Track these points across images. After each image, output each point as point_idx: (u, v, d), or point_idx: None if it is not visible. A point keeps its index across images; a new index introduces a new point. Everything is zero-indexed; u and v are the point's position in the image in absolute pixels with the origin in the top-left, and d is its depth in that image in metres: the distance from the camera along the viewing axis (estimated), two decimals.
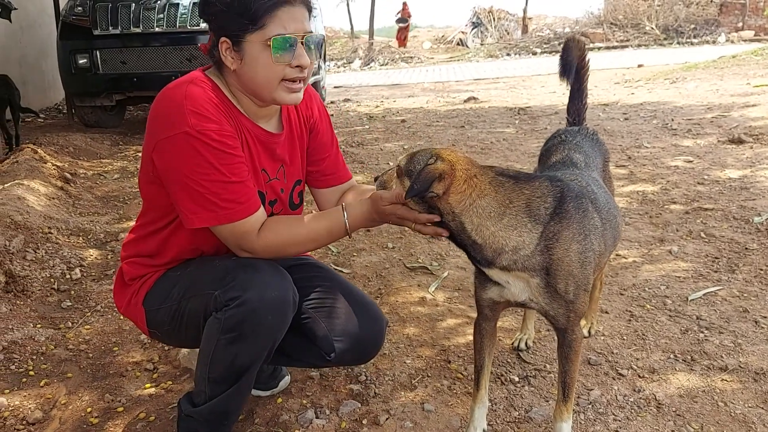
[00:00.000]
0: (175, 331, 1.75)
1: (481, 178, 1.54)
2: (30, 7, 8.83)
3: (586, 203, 1.60)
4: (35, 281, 3.09)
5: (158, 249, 1.77)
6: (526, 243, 1.52)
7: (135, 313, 1.80)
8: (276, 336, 1.65)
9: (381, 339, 1.90)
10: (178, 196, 1.58)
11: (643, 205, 3.93)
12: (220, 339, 1.60)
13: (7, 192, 4.07)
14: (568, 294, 1.56)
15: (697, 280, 2.87)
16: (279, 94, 1.63)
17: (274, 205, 1.81)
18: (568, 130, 2.13)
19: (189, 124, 1.51)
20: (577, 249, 1.54)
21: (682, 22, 19.73)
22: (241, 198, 1.58)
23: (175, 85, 1.60)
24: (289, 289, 1.64)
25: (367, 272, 3.18)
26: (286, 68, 1.60)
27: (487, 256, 1.55)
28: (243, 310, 1.56)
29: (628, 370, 2.20)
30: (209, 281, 1.64)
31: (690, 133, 5.88)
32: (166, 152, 1.56)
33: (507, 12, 25.11)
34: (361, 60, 20.93)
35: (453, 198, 1.52)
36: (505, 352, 2.35)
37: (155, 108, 1.60)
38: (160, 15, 6.58)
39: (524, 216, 1.53)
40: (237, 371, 1.65)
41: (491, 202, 1.52)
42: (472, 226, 1.52)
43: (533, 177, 1.62)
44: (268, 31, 1.56)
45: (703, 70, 10.53)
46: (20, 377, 2.30)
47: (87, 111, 7.37)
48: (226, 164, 1.56)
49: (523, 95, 9.97)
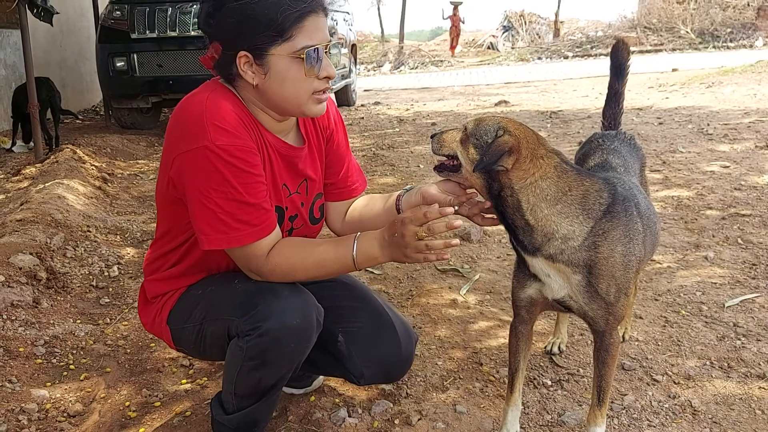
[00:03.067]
0: (199, 350, 1.75)
1: (546, 160, 1.54)
2: (70, 11, 9.06)
3: (632, 208, 1.60)
4: (75, 278, 3.17)
5: (176, 264, 1.73)
6: (576, 234, 1.52)
7: (160, 331, 1.78)
8: (300, 359, 1.62)
9: (410, 360, 1.88)
10: (193, 214, 1.53)
11: (678, 210, 3.88)
12: (244, 365, 1.58)
13: (48, 191, 4.18)
14: (608, 295, 1.55)
15: (734, 287, 2.82)
16: (308, 107, 1.57)
17: (294, 220, 1.76)
18: (605, 134, 2.12)
19: (209, 138, 1.44)
20: (622, 251, 1.54)
21: (718, 26, 19.36)
22: (255, 220, 1.51)
23: (194, 96, 1.53)
24: (312, 313, 1.59)
25: (398, 274, 3.19)
26: (315, 81, 1.54)
27: (536, 240, 1.54)
28: (265, 340, 1.52)
29: (663, 375, 2.18)
30: (229, 305, 1.60)
31: (726, 138, 5.78)
32: (184, 167, 1.49)
33: (538, 15, 24.93)
34: (391, 63, 20.98)
35: (515, 174, 1.52)
36: (538, 356, 2.35)
37: (174, 120, 1.53)
38: (195, 19, 6.70)
39: (578, 207, 1.53)
40: (262, 390, 1.65)
41: (551, 185, 1.53)
42: (528, 206, 1.52)
43: (593, 174, 1.62)
44: (296, 42, 1.48)
45: (740, 74, 10.32)
46: (61, 371, 2.37)
47: (124, 113, 7.53)
48: (244, 183, 1.48)
49: (554, 99, 9.89)
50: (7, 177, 5.45)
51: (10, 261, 2.99)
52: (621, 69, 2.25)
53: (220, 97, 1.52)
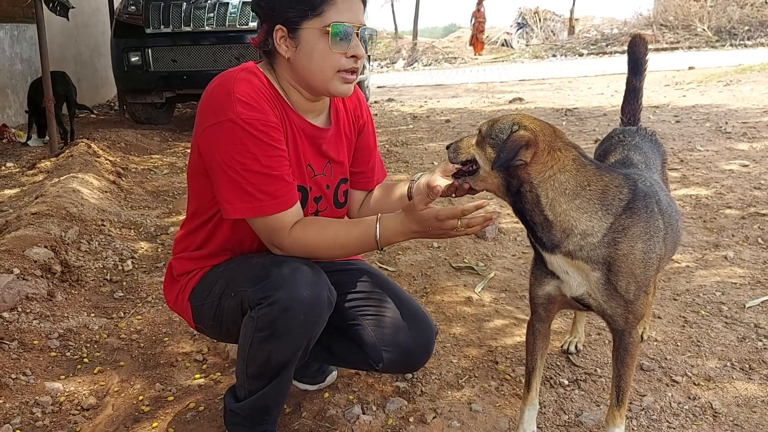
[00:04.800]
0: (217, 326, 1.77)
1: (564, 153, 1.52)
2: (85, 5, 9.11)
3: (653, 204, 1.57)
4: (89, 271, 3.17)
5: (204, 242, 1.79)
6: (595, 230, 1.49)
7: (182, 308, 1.82)
8: (310, 334, 1.62)
9: (430, 349, 1.88)
10: (218, 185, 1.59)
11: (697, 209, 3.83)
12: (255, 337, 1.60)
13: (63, 185, 4.19)
14: (628, 293, 1.52)
15: (754, 287, 2.78)
16: (333, 84, 1.62)
17: (319, 201, 1.80)
18: (625, 130, 2.08)
19: (235, 111, 1.52)
20: (642, 248, 1.51)
21: (735, 24, 19.12)
22: (278, 192, 1.57)
23: (227, 74, 1.61)
24: (323, 289, 1.61)
25: (413, 271, 3.17)
26: (342, 58, 1.59)
27: (555, 236, 1.52)
28: (275, 309, 1.55)
29: (682, 376, 2.14)
30: (246, 279, 1.64)
31: (745, 137, 5.70)
32: (210, 139, 1.56)
33: (553, 13, 24.77)
34: (404, 60, 20.93)
35: (534, 168, 1.50)
36: (554, 355, 2.31)
37: (206, 95, 1.61)
38: (210, 14, 6.71)
39: (597, 202, 1.50)
40: (273, 368, 1.65)
41: (570, 179, 1.50)
42: (547, 200, 1.50)
43: (612, 169, 1.59)
44: (326, 17, 1.56)
45: (758, 72, 10.18)
46: (75, 364, 2.37)
47: (138, 108, 7.56)
48: (267, 155, 1.55)
49: (569, 96, 9.82)
50: (23, 171, 5.49)
51: (25, 254, 3.00)
52: (639, 64, 2.21)
53: (248, 76, 1.59)
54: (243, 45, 6.70)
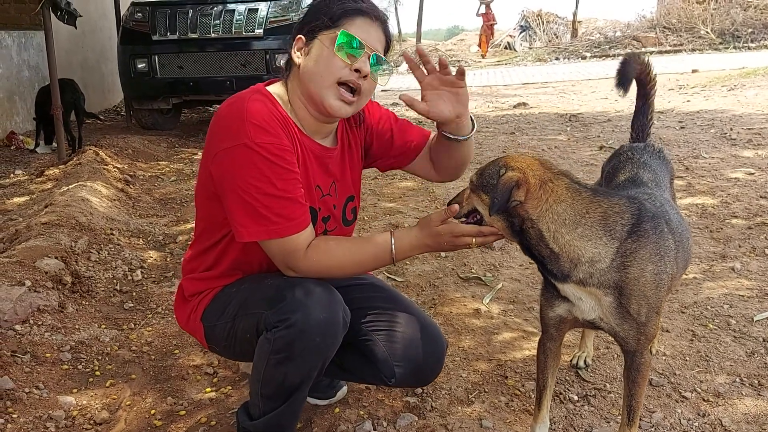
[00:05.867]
0: (231, 346, 1.79)
1: (556, 183, 1.54)
2: (92, 12, 9.14)
3: (662, 224, 1.58)
4: (99, 282, 3.19)
5: (214, 263, 1.80)
6: (602, 256, 1.51)
7: (194, 328, 1.84)
8: (325, 356, 1.65)
9: (441, 364, 1.89)
10: (231, 208, 1.60)
11: (703, 219, 3.83)
12: (270, 359, 1.62)
13: (72, 193, 4.22)
14: (640, 316, 1.54)
15: (762, 300, 2.78)
16: (328, 95, 1.61)
17: (328, 221, 1.82)
18: (633, 147, 2.10)
19: (249, 136, 1.53)
20: (653, 270, 1.52)
21: (739, 26, 19.09)
22: (292, 214, 1.58)
23: (237, 98, 1.62)
24: (338, 310, 1.63)
25: (421, 281, 3.18)
26: (344, 67, 1.60)
27: (564, 267, 1.53)
28: (292, 332, 1.57)
29: (691, 392, 2.15)
30: (261, 300, 1.66)
31: (750, 144, 5.70)
32: (223, 163, 1.57)
33: (556, 15, 24.74)
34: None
35: (530, 204, 1.52)
36: (564, 370, 2.33)
37: (216, 120, 1.62)
38: (216, 21, 6.73)
39: (599, 229, 1.52)
40: (288, 389, 1.67)
41: (567, 208, 1.52)
42: (549, 233, 1.52)
43: (612, 193, 1.61)
44: (340, 29, 1.60)
45: (762, 76, 10.17)
46: (87, 377, 2.39)
47: (144, 114, 7.59)
48: (281, 179, 1.56)
49: (573, 101, 9.82)
50: (31, 178, 5.52)
51: (36, 265, 3.02)
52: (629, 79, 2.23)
53: (260, 100, 1.61)
54: (249, 52, 6.73)
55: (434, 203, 4.50)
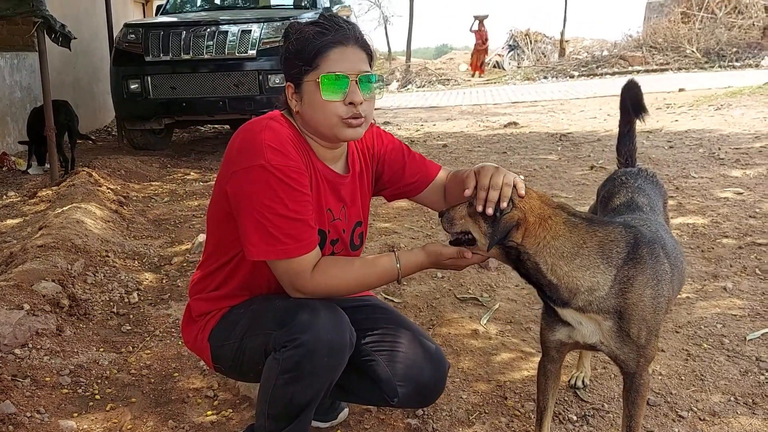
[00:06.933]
0: (237, 367, 1.82)
1: (555, 219, 1.58)
2: (85, 33, 9.17)
3: (657, 249, 1.62)
4: (96, 304, 3.19)
5: (221, 283, 1.83)
6: (600, 284, 1.55)
7: (201, 349, 1.86)
8: (332, 376, 1.68)
9: (443, 384, 1.92)
10: (244, 227, 1.64)
11: (694, 239, 3.89)
12: (278, 378, 1.65)
13: (67, 215, 4.22)
14: (640, 339, 1.57)
15: (754, 319, 2.83)
16: (340, 130, 1.68)
17: (336, 244, 1.85)
18: (627, 172, 2.14)
19: (266, 158, 1.58)
20: (651, 294, 1.56)
21: (723, 46, 19.44)
22: (301, 235, 1.62)
23: (255, 121, 1.68)
24: (346, 331, 1.67)
25: (418, 302, 3.21)
26: (340, 106, 1.64)
27: (563, 296, 1.57)
28: (300, 352, 1.60)
29: (688, 411, 2.18)
30: (269, 321, 1.69)
31: (738, 164, 5.80)
32: (239, 183, 1.62)
33: (544, 35, 25.07)
34: (398, 82, 21.10)
35: (527, 241, 1.56)
36: (562, 390, 2.35)
37: (234, 142, 1.67)
38: (209, 42, 6.79)
39: (597, 257, 1.56)
40: (295, 409, 1.69)
41: (565, 242, 1.56)
42: (547, 266, 1.56)
43: (608, 222, 1.65)
44: (320, 70, 1.64)
45: (748, 96, 10.36)
46: (87, 401, 2.38)
47: (136, 134, 7.60)
48: (294, 200, 1.61)
49: (563, 120, 9.94)
50: (24, 200, 5.51)
51: (34, 288, 3.02)
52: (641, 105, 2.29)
53: (277, 124, 1.67)
54: (242, 72, 6.78)
55: (429, 223, 4.53)
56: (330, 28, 1.66)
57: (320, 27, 1.67)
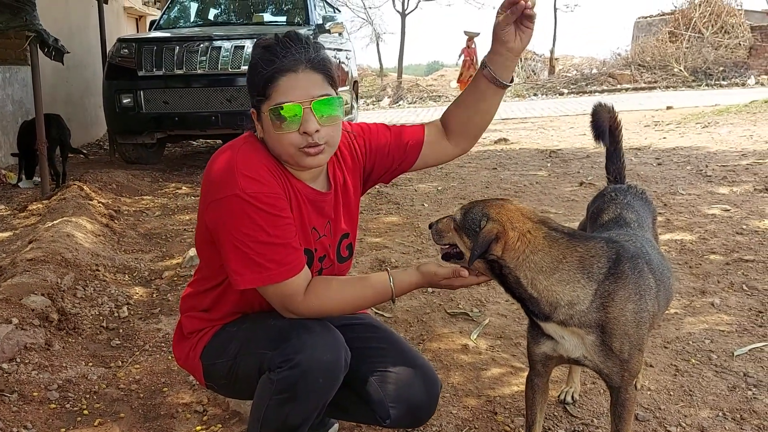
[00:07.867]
0: (230, 385, 1.81)
1: (535, 233, 1.59)
2: (77, 47, 9.19)
3: (641, 264, 1.64)
4: (85, 319, 3.18)
5: (213, 305, 1.82)
6: (580, 298, 1.57)
7: (193, 366, 1.85)
8: (327, 396, 1.67)
9: (435, 405, 1.90)
10: (227, 257, 1.62)
11: (682, 255, 3.93)
12: (272, 399, 1.64)
13: (57, 229, 4.20)
14: (623, 353, 1.59)
15: (741, 335, 2.86)
16: (300, 159, 1.63)
17: (323, 260, 1.83)
18: (617, 189, 2.17)
19: (239, 186, 1.55)
20: (633, 309, 1.58)
21: (710, 65, 19.73)
22: (285, 259, 1.60)
23: (228, 148, 1.65)
24: (341, 351, 1.66)
25: (408, 317, 3.21)
26: (295, 136, 1.59)
27: (544, 310, 1.59)
28: (295, 372, 1.59)
29: (676, 427, 2.20)
30: (263, 341, 1.68)
31: (725, 181, 5.87)
32: (216, 213, 1.60)
33: (534, 52, 25.32)
34: (389, 98, 21.23)
35: (507, 255, 1.58)
36: (552, 405, 2.36)
37: (208, 171, 1.64)
38: (202, 57, 6.83)
39: (577, 272, 1.58)
40: (289, 429, 1.68)
41: (544, 257, 1.58)
42: (527, 280, 1.58)
43: (590, 237, 1.67)
44: (272, 100, 1.58)
45: (735, 114, 10.49)
46: (75, 416, 2.37)
47: (128, 148, 7.61)
48: (274, 225, 1.58)
49: (552, 137, 10.02)
50: (14, 213, 5.49)
51: (23, 302, 3.00)
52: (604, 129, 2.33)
53: (249, 150, 1.65)
54: (234, 88, 6.81)
55: (419, 238, 4.55)
56: (278, 54, 1.58)
57: (270, 53, 1.59)
